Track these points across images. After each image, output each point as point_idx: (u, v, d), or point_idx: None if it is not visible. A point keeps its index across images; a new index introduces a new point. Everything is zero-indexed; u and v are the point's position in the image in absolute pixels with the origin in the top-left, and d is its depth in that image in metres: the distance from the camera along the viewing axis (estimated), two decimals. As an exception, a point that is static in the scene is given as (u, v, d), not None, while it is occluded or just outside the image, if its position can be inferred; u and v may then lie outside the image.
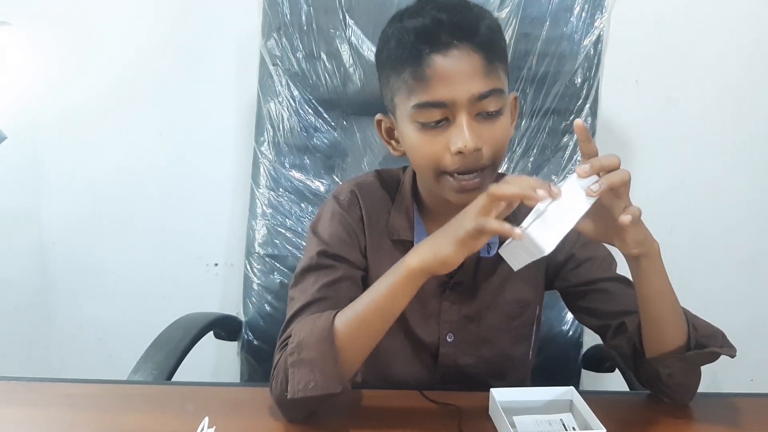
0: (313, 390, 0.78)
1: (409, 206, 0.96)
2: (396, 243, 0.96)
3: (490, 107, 0.83)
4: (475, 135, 0.82)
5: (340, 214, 0.96)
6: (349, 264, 0.93)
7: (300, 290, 0.91)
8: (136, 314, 1.66)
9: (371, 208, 0.97)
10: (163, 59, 1.56)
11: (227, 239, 1.64)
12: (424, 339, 0.98)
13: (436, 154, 0.84)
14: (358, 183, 1.00)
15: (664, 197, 1.58)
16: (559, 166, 1.34)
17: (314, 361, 0.79)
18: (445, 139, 0.83)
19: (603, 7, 1.31)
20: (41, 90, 1.57)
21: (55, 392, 0.94)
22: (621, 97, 1.47)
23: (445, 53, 0.80)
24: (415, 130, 0.85)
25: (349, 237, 0.95)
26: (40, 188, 1.66)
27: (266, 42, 1.36)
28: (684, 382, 0.90)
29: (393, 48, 0.85)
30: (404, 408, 0.89)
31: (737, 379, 1.46)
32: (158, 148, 1.61)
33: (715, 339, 0.87)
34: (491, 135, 0.83)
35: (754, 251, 1.60)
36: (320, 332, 0.80)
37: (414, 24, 0.82)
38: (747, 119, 1.54)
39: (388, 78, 0.87)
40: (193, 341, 1.16)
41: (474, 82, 0.81)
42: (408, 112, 0.84)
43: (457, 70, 0.80)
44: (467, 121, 0.81)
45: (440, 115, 0.82)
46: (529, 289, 1.00)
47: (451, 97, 0.81)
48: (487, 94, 0.82)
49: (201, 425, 0.81)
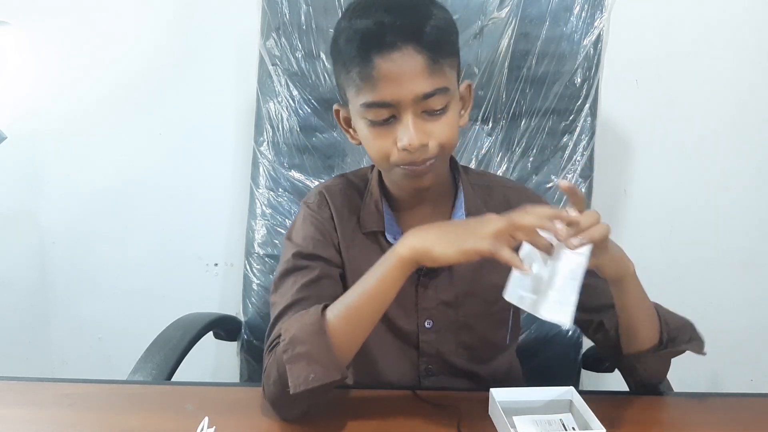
0: (314, 381, 0.80)
1: (378, 199, 0.99)
2: (368, 235, 0.99)
3: (436, 105, 0.86)
4: (420, 132, 0.85)
5: (311, 215, 1.00)
6: (325, 262, 0.96)
7: (280, 294, 0.93)
8: (135, 314, 1.66)
9: (340, 207, 1.00)
10: (163, 59, 1.56)
11: (227, 239, 1.64)
12: (404, 328, 0.99)
13: (385, 148, 0.88)
14: (326, 186, 1.04)
15: (664, 197, 1.58)
16: (558, 166, 1.34)
17: (310, 354, 0.81)
18: (393, 135, 0.86)
19: (603, 6, 1.31)
20: (41, 90, 1.57)
21: (54, 392, 0.94)
22: (621, 97, 1.47)
23: (388, 55, 0.82)
24: (365, 125, 0.88)
25: (322, 236, 0.98)
26: (40, 188, 1.66)
27: (265, 42, 1.36)
28: (656, 373, 0.96)
29: (342, 46, 0.87)
30: (404, 408, 0.89)
31: (737, 379, 1.46)
32: (158, 148, 1.61)
33: (684, 332, 0.93)
34: (437, 130, 0.87)
35: (753, 251, 1.60)
36: (311, 325, 0.82)
37: (360, 25, 0.84)
38: (747, 119, 1.53)
39: (339, 73, 0.90)
40: (192, 341, 1.16)
41: (418, 83, 0.83)
42: (358, 108, 0.88)
43: (401, 71, 0.83)
44: (413, 120, 0.85)
45: (387, 113, 0.86)
46: (505, 273, 1.01)
47: (396, 97, 0.84)
48: (431, 94, 0.84)
49: (201, 425, 0.81)
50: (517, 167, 1.35)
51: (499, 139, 1.36)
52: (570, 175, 1.34)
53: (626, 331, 0.92)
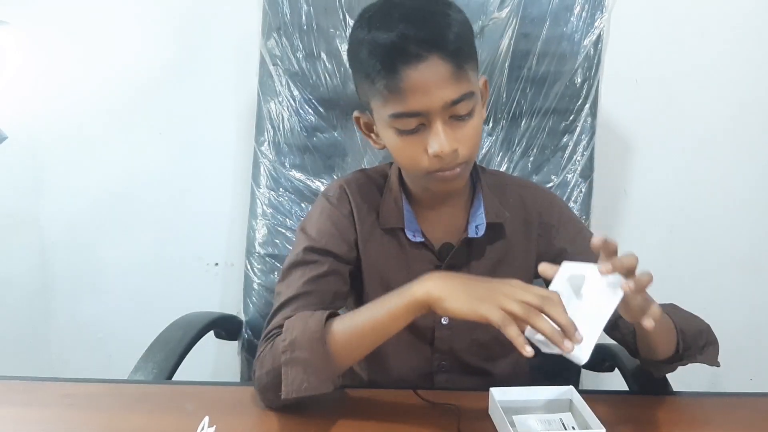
0: (306, 390, 0.82)
1: (398, 196, 0.99)
2: (387, 231, 0.99)
3: (463, 111, 0.86)
4: (451, 138, 0.85)
5: (329, 209, 1.00)
6: (336, 258, 0.96)
7: (286, 285, 0.94)
8: (136, 314, 1.66)
9: (361, 202, 1.00)
10: (163, 59, 1.56)
11: (227, 239, 1.64)
12: (420, 323, 0.98)
13: (416, 156, 0.88)
14: (347, 180, 1.04)
15: (664, 197, 1.58)
16: (558, 166, 1.34)
17: (308, 362, 0.82)
18: (423, 142, 0.87)
19: (603, 6, 1.31)
20: (41, 90, 1.57)
21: (55, 392, 0.94)
22: (621, 97, 1.47)
23: (415, 66, 0.82)
24: (393, 134, 0.88)
25: (337, 231, 0.98)
26: (41, 188, 1.66)
27: (266, 42, 1.36)
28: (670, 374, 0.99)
29: (365, 58, 0.86)
30: (404, 408, 0.89)
31: (737, 378, 1.46)
32: (158, 148, 1.61)
33: (700, 337, 0.93)
34: (465, 135, 0.87)
35: (753, 251, 1.60)
36: (313, 332, 0.83)
37: (382, 38, 0.84)
38: (747, 119, 1.53)
39: (362, 83, 0.90)
40: (193, 341, 1.15)
41: (446, 90, 0.84)
42: (385, 118, 0.88)
43: (428, 81, 0.83)
44: (442, 126, 0.85)
45: (416, 122, 0.86)
46: (521, 273, 1.01)
47: (426, 107, 0.84)
48: (459, 100, 0.85)
49: (201, 425, 0.81)
50: (517, 167, 1.35)
51: (499, 138, 1.36)
52: (570, 175, 1.34)
53: (643, 343, 0.93)
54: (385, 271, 1.00)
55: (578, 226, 1.06)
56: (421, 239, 0.98)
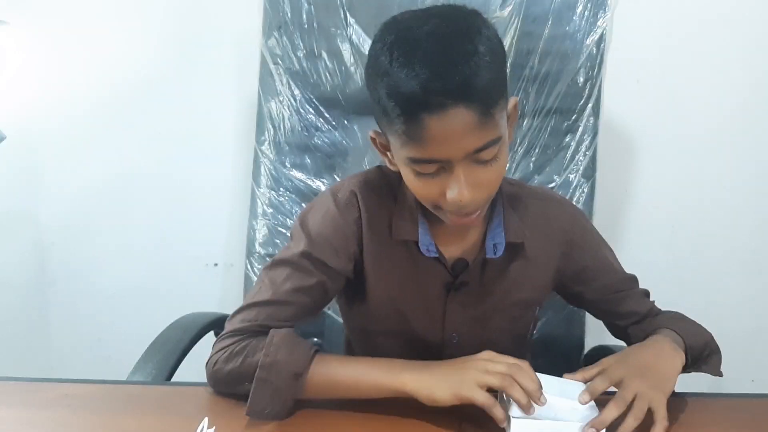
0: (267, 416, 0.84)
1: (413, 206, 0.94)
2: (399, 242, 0.95)
3: (487, 156, 0.80)
4: (471, 184, 0.80)
5: (334, 213, 0.94)
6: (327, 271, 0.92)
7: (271, 281, 0.92)
8: (135, 314, 1.66)
9: (372, 209, 0.95)
10: (164, 58, 1.56)
11: (227, 239, 1.64)
12: (429, 340, 0.98)
13: (433, 196, 0.83)
14: (360, 182, 0.97)
15: (667, 197, 1.57)
16: (561, 165, 1.34)
17: (278, 391, 0.83)
18: (442, 184, 0.81)
19: (606, 5, 1.31)
20: (40, 90, 1.57)
21: (53, 392, 0.94)
22: (623, 97, 1.47)
23: (438, 116, 0.75)
24: (411, 173, 0.83)
25: (336, 240, 0.93)
26: (39, 188, 1.65)
27: (267, 41, 1.36)
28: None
29: (383, 95, 0.79)
30: (404, 408, 0.88)
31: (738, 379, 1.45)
32: (158, 148, 1.61)
33: (705, 348, 0.94)
34: (487, 179, 0.82)
35: (756, 251, 1.60)
36: (295, 367, 0.84)
37: (404, 85, 0.75)
38: (749, 119, 1.53)
39: (379, 115, 0.83)
40: (192, 341, 1.15)
41: (470, 140, 0.77)
42: (402, 158, 0.82)
43: (451, 131, 0.76)
44: (464, 173, 0.80)
45: (435, 167, 0.81)
46: (536, 291, 1.01)
47: (447, 156, 0.79)
48: (483, 147, 0.79)
49: (201, 425, 0.81)
50: (519, 167, 1.34)
51: (500, 138, 1.35)
52: (572, 175, 1.33)
53: None
54: (392, 282, 0.96)
55: (598, 241, 1.03)
56: (435, 254, 0.93)
